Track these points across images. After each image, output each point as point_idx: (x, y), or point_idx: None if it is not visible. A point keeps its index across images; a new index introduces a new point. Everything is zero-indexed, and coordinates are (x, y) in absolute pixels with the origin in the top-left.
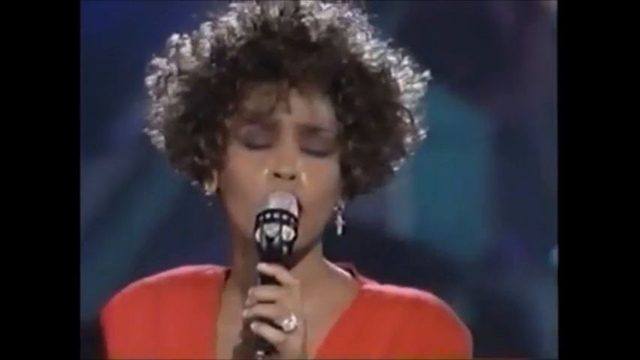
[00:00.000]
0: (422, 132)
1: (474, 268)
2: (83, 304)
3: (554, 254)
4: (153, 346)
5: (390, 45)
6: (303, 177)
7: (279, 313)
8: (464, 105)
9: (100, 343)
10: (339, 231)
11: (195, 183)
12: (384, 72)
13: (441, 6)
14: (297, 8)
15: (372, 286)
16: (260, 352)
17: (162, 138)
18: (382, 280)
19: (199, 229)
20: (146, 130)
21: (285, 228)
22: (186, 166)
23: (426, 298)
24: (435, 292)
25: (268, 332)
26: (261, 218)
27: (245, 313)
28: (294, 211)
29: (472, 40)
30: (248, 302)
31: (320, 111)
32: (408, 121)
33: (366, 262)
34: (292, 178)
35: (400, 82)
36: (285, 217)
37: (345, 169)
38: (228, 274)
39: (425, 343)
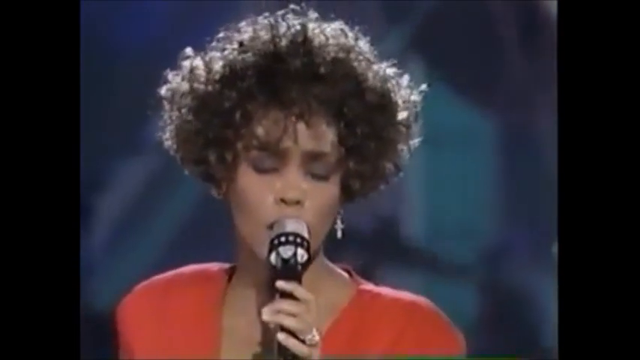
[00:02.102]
0: (416, 140)
1: (481, 262)
2: (107, 303)
3: (556, 247)
4: (162, 340)
5: (391, 62)
6: (307, 201)
7: (302, 327)
8: (471, 108)
9: (114, 341)
10: (339, 234)
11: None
12: (385, 95)
13: (448, 9)
14: (306, 38)
15: (369, 286)
16: None
17: (174, 143)
18: (396, 273)
19: (222, 230)
20: (159, 134)
21: (299, 250)
22: (195, 173)
23: (422, 303)
24: (445, 284)
25: (296, 346)
26: (276, 241)
27: (266, 317)
28: (306, 235)
29: (478, 44)
30: (268, 314)
31: (324, 137)
32: (405, 135)
33: (380, 256)
34: (297, 202)
35: (399, 100)
36: (299, 240)
37: (345, 187)
38: (233, 270)
39: (422, 346)
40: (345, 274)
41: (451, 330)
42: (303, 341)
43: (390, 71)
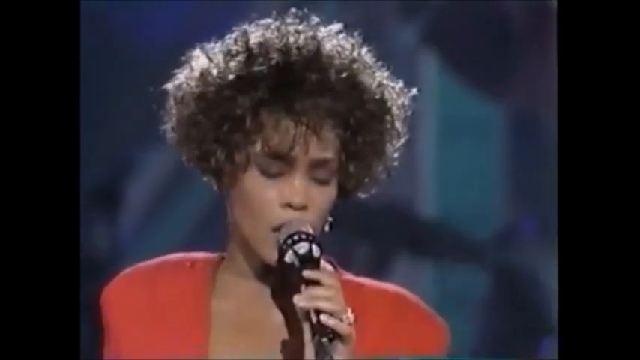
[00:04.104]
0: (402, 141)
1: (492, 244)
2: None
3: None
4: (150, 324)
5: (387, 68)
6: (310, 205)
7: (339, 308)
8: (483, 99)
9: (100, 322)
10: (327, 228)
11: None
12: (383, 102)
13: (459, 5)
14: (317, 51)
15: (352, 277)
16: (324, 339)
17: (177, 137)
18: (410, 255)
19: None
20: (163, 128)
21: (313, 246)
22: (196, 166)
23: (406, 294)
24: (458, 265)
25: (337, 324)
26: (289, 241)
27: (302, 303)
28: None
29: (489, 39)
30: (303, 300)
31: (329, 145)
32: (396, 138)
33: (395, 239)
34: (302, 207)
35: (394, 106)
36: (311, 237)
37: (341, 188)
38: (220, 258)
39: (410, 336)
40: (329, 265)
41: (436, 320)
42: (341, 320)
43: (385, 75)
